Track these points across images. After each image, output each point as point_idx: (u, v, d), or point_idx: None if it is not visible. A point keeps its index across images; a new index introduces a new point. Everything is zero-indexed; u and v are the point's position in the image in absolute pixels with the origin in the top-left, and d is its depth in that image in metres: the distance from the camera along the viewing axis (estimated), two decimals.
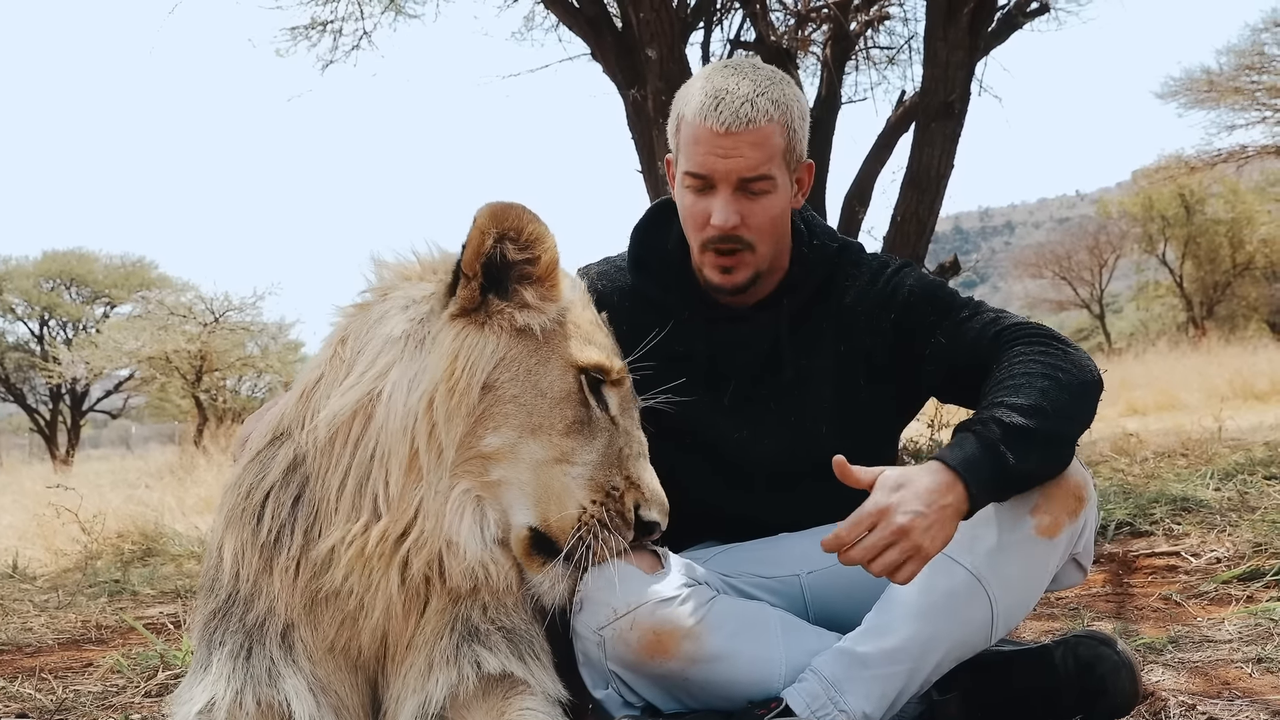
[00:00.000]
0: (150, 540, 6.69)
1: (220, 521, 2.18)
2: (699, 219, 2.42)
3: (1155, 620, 3.39)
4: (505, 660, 2.11)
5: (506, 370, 2.10)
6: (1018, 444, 2.06)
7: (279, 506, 2.10)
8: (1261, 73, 22.34)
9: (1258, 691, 2.54)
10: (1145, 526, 4.79)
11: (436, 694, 2.06)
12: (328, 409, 2.08)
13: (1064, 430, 2.16)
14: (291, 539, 2.08)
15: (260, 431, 2.24)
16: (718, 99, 2.34)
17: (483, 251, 2.09)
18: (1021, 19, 7.73)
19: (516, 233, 2.10)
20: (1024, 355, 2.22)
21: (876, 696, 2.15)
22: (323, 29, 9.07)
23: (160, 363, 20.43)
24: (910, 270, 2.54)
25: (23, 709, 3.07)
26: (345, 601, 2.09)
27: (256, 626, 2.09)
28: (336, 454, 2.07)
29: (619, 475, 2.18)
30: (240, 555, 2.11)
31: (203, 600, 2.19)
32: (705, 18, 8.24)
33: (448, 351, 2.07)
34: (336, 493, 2.06)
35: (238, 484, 2.17)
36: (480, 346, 2.08)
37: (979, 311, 2.41)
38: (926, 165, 6.94)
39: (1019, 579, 2.21)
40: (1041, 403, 2.10)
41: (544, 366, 2.13)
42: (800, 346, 2.52)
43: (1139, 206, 32.73)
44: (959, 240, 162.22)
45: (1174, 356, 20.74)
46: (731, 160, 2.34)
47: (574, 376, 2.17)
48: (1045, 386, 2.13)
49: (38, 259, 30.12)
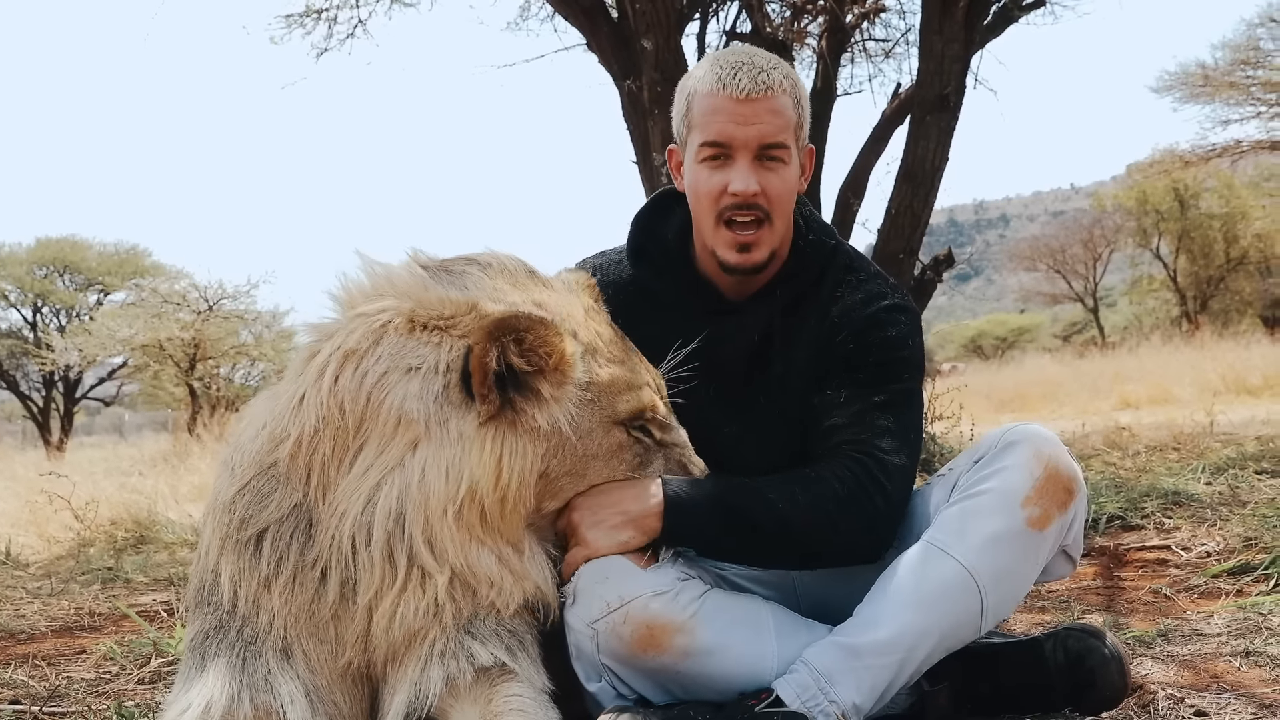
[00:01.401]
0: (143, 528, 6.69)
1: (214, 541, 2.13)
2: (715, 191, 2.41)
3: (1145, 613, 3.40)
4: (495, 650, 2.10)
5: (553, 459, 2.15)
6: (734, 524, 2.27)
7: (278, 541, 2.06)
8: (1257, 67, 22.36)
9: (1246, 685, 2.55)
10: (1136, 520, 4.81)
11: (431, 688, 2.05)
12: (345, 499, 2.03)
13: (770, 536, 2.27)
14: (290, 563, 2.06)
15: (251, 451, 2.13)
16: (735, 69, 2.37)
17: (490, 371, 2.03)
18: (1017, 12, 7.72)
19: (518, 344, 2.04)
20: (819, 468, 2.32)
21: (867, 687, 2.16)
22: (317, 17, 9.03)
23: (154, 350, 20.41)
24: (901, 319, 2.46)
25: (15, 696, 3.07)
26: (368, 637, 2.09)
27: (254, 639, 2.08)
28: (353, 517, 2.04)
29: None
30: (237, 578, 2.08)
31: (198, 614, 2.16)
32: (701, 9, 8.22)
33: (489, 461, 2.03)
34: (355, 546, 2.03)
35: (230, 507, 2.10)
36: (521, 453, 2.08)
37: (884, 410, 2.36)
38: (921, 158, 6.94)
39: (1009, 571, 2.22)
40: (783, 510, 2.25)
41: (587, 438, 2.19)
42: (787, 339, 2.51)
43: (1133, 200, 32.79)
44: (953, 233, 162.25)
45: (1167, 350, 20.77)
46: (751, 127, 2.36)
47: (619, 430, 2.25)
48: (796, 495, 2.26)
49: (31, 246, 30.05)
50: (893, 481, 2.29)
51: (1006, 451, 2.27)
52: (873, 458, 2.28)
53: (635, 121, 7.32)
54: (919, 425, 2.47)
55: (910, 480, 2.37)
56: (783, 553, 2.31)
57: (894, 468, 2.29)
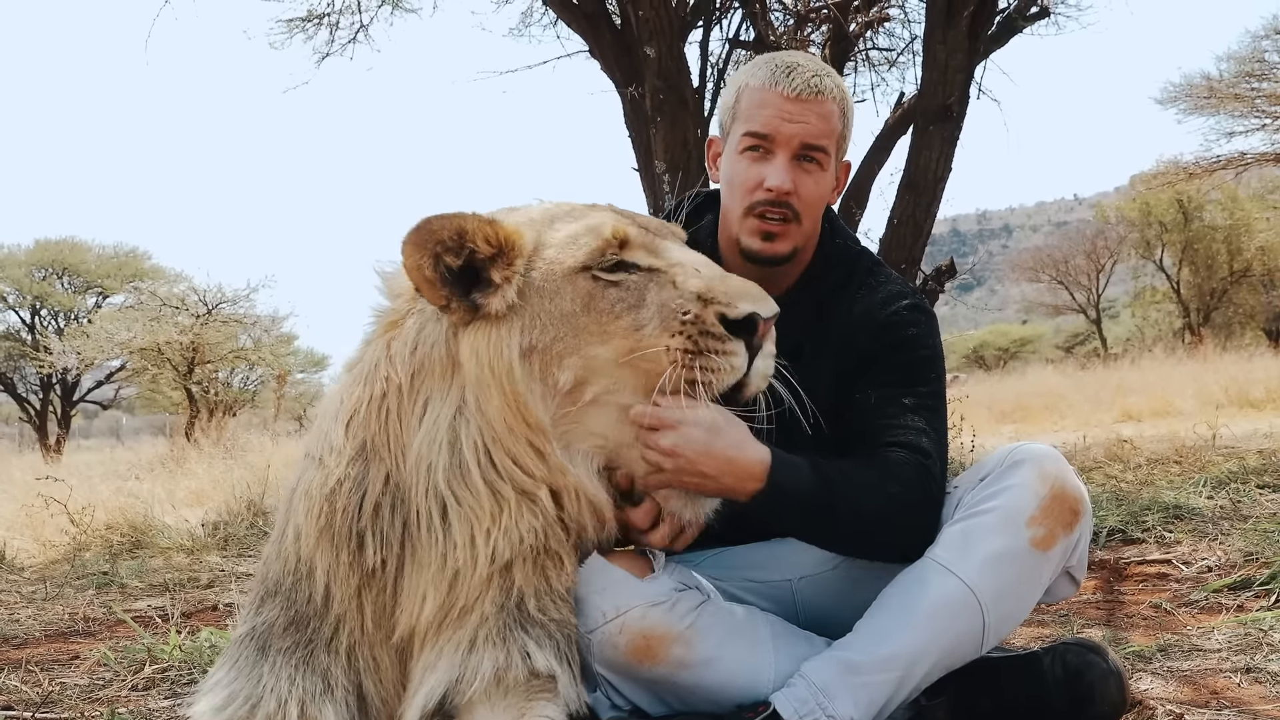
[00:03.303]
0: (139, 533, 6.68)
1: (310, 530, 2.09)
2: (751, 183, 2.43)
3: (1145, 628, 3.38)
4: (549, 659, 2.05)
5: (533, 331, 2.03)
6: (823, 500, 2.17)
7: (383, 538, 2.04)
8: (1262, 80, 22.39)
9: (1246, 701, 2.53)
10: (1137, 534, 4.79)
11: (480, 671, 2.01)
12: (427, 448, 2.03)
13: (842, 525, 2.21)
14: (388, 568, 2.05)
15: (337, 435, 2.12)
16: (790, 69, 2.40)
17: (431, 281, 2.00)
18: (1021, 23, 7.73)
19: (444, 246, 2.01)
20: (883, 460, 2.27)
21: (865, 703, 2.15)
22: (319, 22, 9.05)
23: (152, 354, 20.40)
24: (921, 319, 2.48)
25: (8, 702, 3.05)
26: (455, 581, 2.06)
27: (332, 647, 2.07)
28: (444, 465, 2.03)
29: (689, 299, 2.04)
30: (333, 574, 2.06)
31: (268, 606, 2.13)
32: (705, 16, 8.23)
33: (481, 364, 2.02)
34: (452, 487, 2.02)
35: (332, 495, 2.08)
36: (496, 341, 2.02)
37: (916, 412, 2.35)
38: (924, 167, 6.93)
39: (1011, 590, 2.21)
40: (865, 505, 2.20)
41: (556, 297, 2.04)
42: (816, 347, 2.50)
43: (1137, 212, 32.80)
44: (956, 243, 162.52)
45: (1170, 363, 20.76)
46: (796, 125, 2.39)
47: (583, 279, 2.05)
48: (874, 487, 2.22)
49: (30, 248, 30.06)
50: (936, 484, 2.30)
51: (1012, 470, 2.26)
52: (919, 459, 2.28)
53: (637, 129, 7.33)
54: (946, 426, 2.47)
55: (945, 476, 2.38)
56: (843, 543, 2.28)
57: (937, 471, 2.31)
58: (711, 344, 2.01)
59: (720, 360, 2.01)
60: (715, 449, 2.04)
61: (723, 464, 2.06)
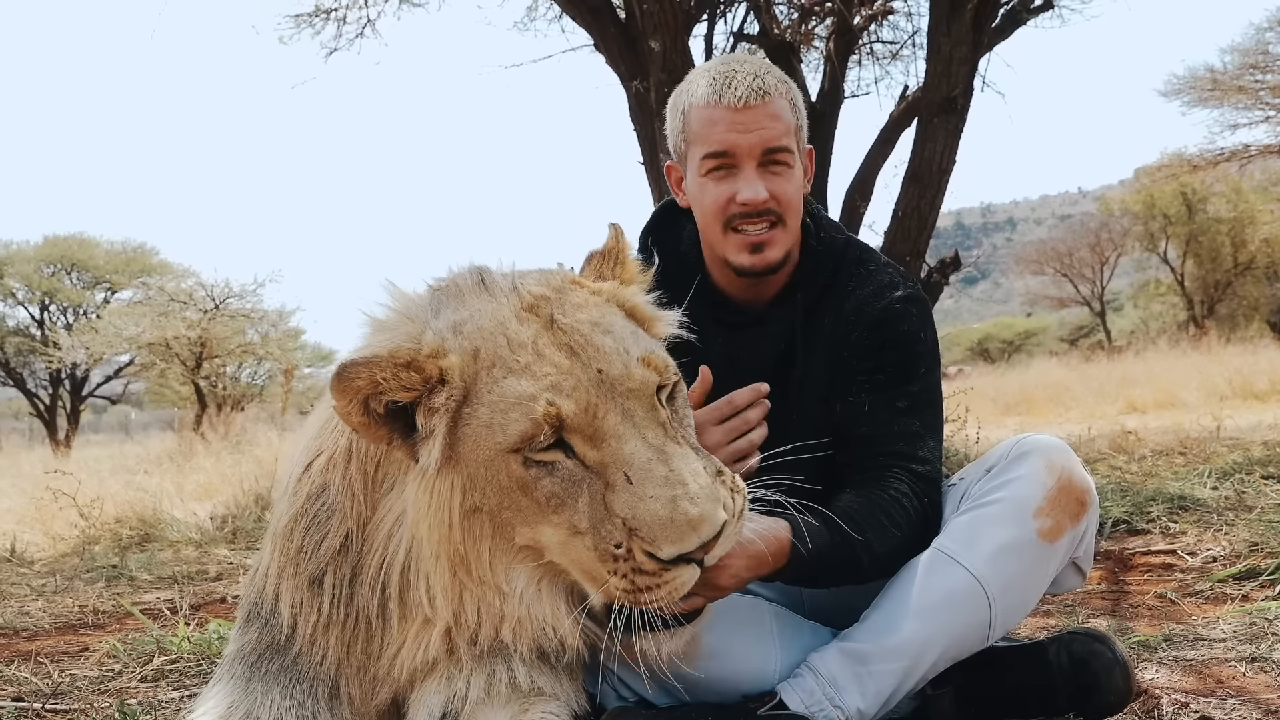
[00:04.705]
0: (148, 526, 6.71)
1: (273, 563, 2.12)
2: (722, 200, 2.38)
3: (1150, 618, 3.39)
4: (532, 670, 2.07)
5: (474, 492, 1.90)
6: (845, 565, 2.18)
7: (337, 582, 2.06)
8: (1266, 72, 22.35)
9: (1251, 690, 2.54)
10: (1142, 524, 4.80)
11: (467, 694, 2.04)
12: (375, 533, 2.02)
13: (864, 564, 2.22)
14: (350, 613, 2.07)
15: (297, 472, 2.13)
16: (728, 78, 2.35)
17: (364, 426, 1.89)
18: (1025, 15, 7.73)
19: (366, 393, 1.86)
20: (895, 494, 2.27)
21: (872, 694, 2.16)
22: (326, 16, 9.07)
23: (160, 349, 20.42)
24: (913, 311, 2.45)
25: (18, 693, 3.07)
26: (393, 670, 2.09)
27: (307, 673, 2.11)
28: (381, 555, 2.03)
29: (616, 527, 1.82)
30: (298, 608, 2.09)
31: (250, 627, 2.18)
32: (709, 10, 8.23)
33: (421, 507, 1.94)
34: (386, 584, 2.03)
35: (289, 532, 2.09)
36: (437, 492, 1.92)
37: (910, 414, 2.36)
38: (929, 160, 6.93)
39: (1018, 581, 2.22)
40: (877, 549, 2.21)
41: (490, 468, 1.88)
42: (808, 343, 2.49)
43: (1141, 204, 32.71)
44: (960, 236, 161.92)
45: (1174, 355, 20.73)
46: (753, 134, 2.34)
47: (515, 461, 1.87)
48: (886, 530, 2.22)
49: (39, 244, 30.10)
50: (935, 490, 2.33)
51: (1019, 461, 2.26)
52: (916, 471, 2.30)
53: (642, 122, 7.33)
54: (942, 415, 2.47)
55: (941, 478, 2.40)
56: (859, 579, 2.27)
57: (934, 475, 2.32)
58: (649, 580, 1.82)
59: (665, 589, 1.83)
60: (746, 578, 2.06)
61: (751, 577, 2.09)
